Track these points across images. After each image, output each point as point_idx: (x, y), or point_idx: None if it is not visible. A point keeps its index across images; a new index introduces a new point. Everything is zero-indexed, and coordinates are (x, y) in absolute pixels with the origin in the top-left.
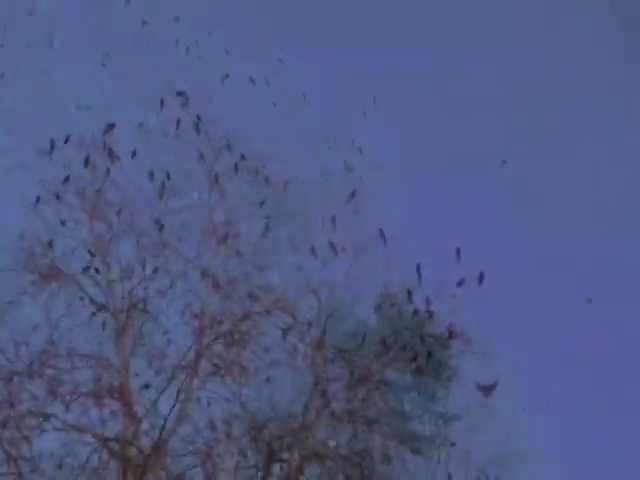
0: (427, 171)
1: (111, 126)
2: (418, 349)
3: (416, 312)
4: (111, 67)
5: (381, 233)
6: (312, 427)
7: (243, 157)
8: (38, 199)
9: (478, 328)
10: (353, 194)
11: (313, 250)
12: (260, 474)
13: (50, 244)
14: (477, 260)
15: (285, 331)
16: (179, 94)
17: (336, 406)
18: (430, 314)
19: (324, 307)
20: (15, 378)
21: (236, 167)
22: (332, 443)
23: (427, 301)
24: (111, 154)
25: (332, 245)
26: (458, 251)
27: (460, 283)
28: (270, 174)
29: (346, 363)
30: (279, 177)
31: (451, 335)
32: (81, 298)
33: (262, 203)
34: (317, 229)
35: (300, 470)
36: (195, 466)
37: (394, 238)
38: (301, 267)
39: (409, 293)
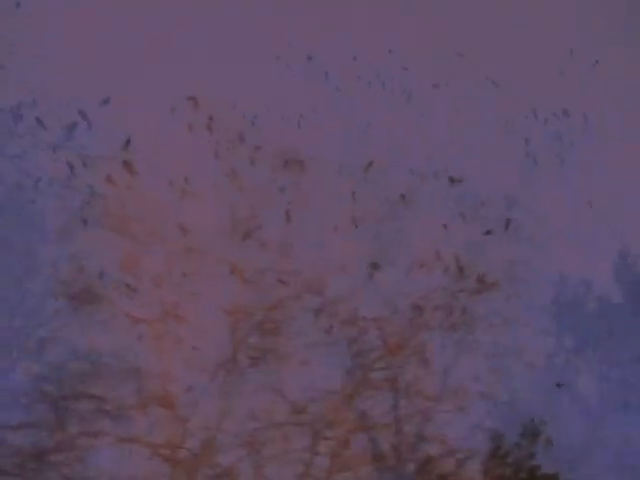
0: None
1: (128, 142)
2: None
3: (447, 270)
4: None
5: (402, 198)
6: (353, 401)
7: (257, 147)
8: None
9: None
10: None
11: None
12: (308, 455)
13: (80, 270)
14: None
15: (317, 312)
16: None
17: (375, 376)
18: (460, 270)
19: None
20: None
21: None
22: (375, 413)
23: (456, 258)
24: (131, 170)
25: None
26: None
27: (488, 232)
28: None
29: (381, 332)
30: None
31: (483, 285)
32: (115, 315)
33: (282, 189)
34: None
35: (347, 444)
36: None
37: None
38: (326, 245)
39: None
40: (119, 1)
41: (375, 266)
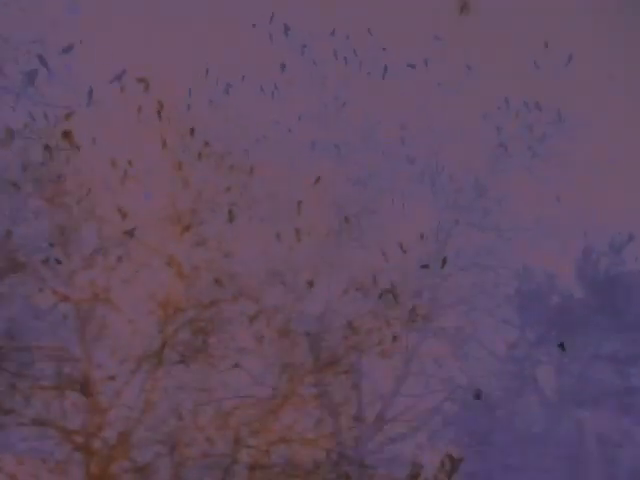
0: None
1: (71, 113)
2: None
3: (381, 294)
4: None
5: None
6: (279, 412)
7: (207, 143)
8: None
9: None
10: (318, 178)
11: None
12: (228, 461)
13: (8, 235)
14: None
15: (251, 318)
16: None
17: (303, 390)
18: (395, 296)
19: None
20: None
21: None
22: (299, 427)
23: (392, 283)
24: (71, 141)
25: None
26: None
27: (425, 266)
28: (235, 160)
29: (313, 347)
30: (244, 162)
31: (415, 316)
32: (41, 289)
33: (227, 189)
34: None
35: (267, 455)
36: (162, 455)
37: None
38: (267, 253)
39: (374, 277)
40: None
41: (311, 283)
